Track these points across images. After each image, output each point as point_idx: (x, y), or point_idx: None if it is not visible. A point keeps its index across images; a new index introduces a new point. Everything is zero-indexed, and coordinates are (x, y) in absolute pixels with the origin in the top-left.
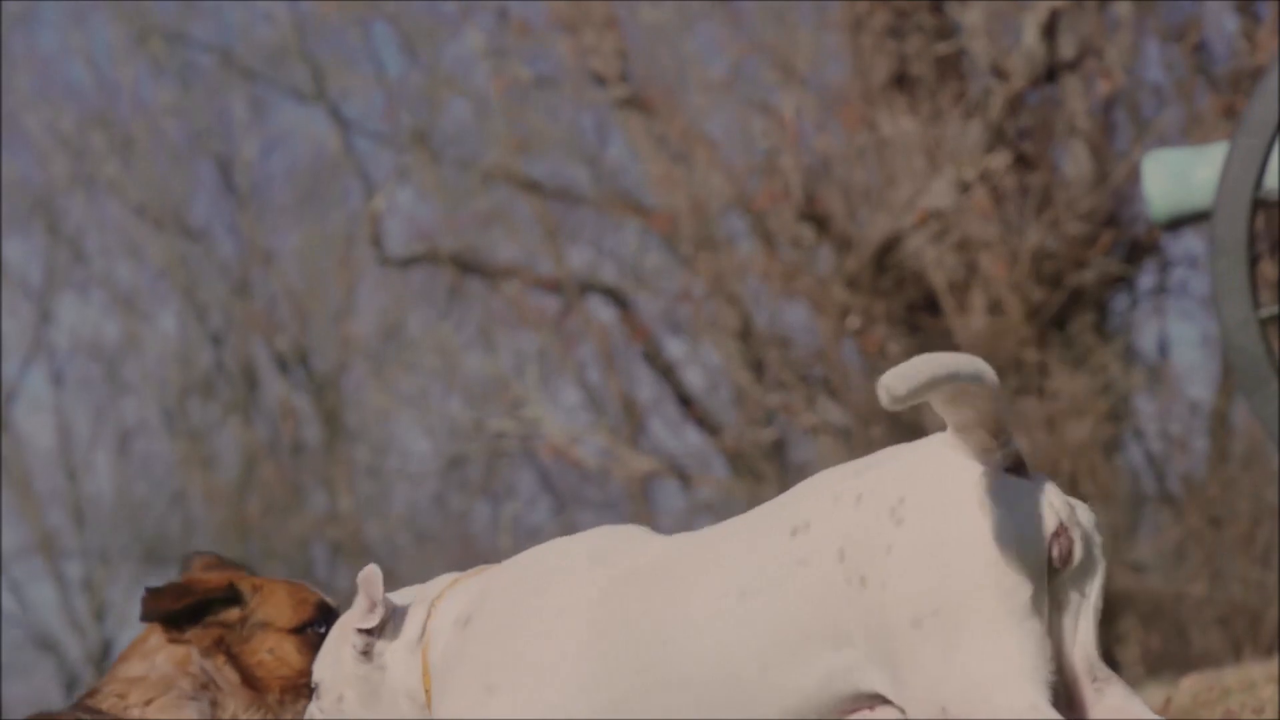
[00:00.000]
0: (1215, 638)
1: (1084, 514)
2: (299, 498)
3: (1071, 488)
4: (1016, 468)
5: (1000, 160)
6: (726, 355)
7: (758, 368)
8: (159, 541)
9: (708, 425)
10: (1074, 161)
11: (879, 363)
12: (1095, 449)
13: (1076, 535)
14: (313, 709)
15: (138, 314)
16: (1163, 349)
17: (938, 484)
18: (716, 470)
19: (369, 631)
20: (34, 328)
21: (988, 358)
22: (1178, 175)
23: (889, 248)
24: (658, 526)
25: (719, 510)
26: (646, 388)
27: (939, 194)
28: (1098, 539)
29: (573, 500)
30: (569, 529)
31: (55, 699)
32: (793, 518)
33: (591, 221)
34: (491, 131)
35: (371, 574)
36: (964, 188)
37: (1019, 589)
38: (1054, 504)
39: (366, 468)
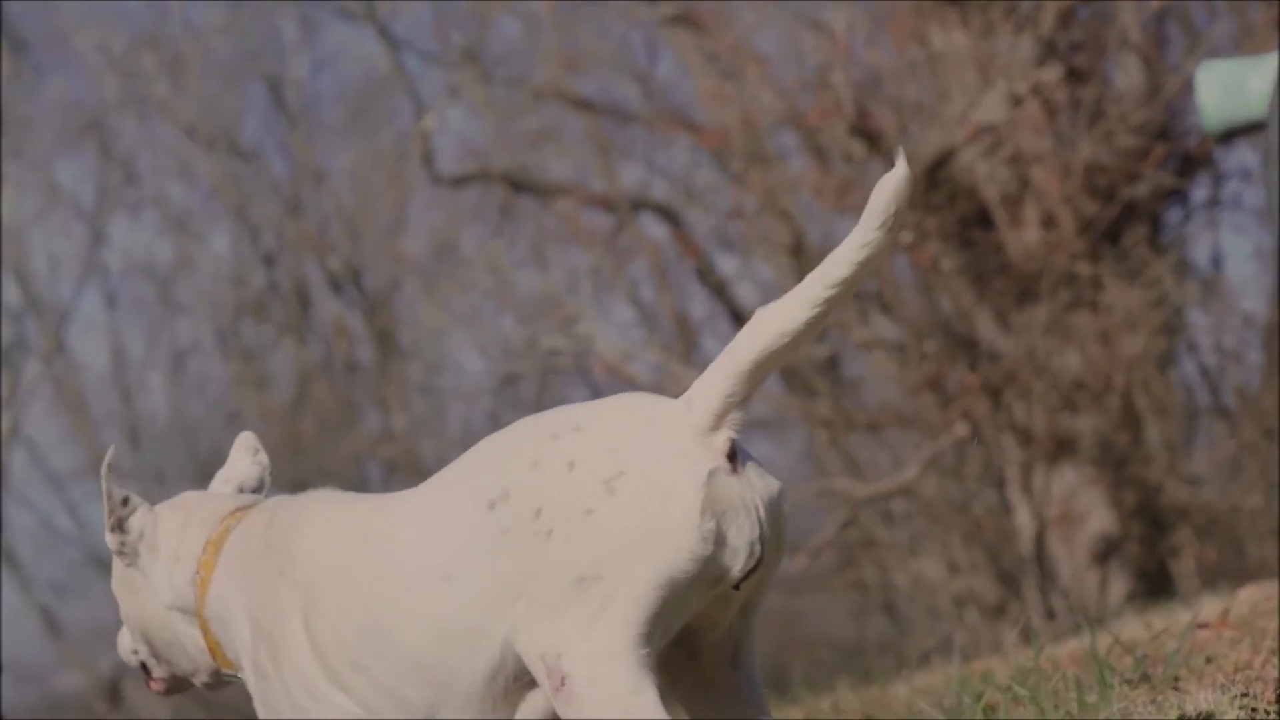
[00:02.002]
0: (1271, 549)
1: (776, 515)
2: (353, 417)
3: (1126, 402)
4: (731, 455)
5: (1052, 74)
6: (779, 271)
7: None
8: (214, 462)
9: None
10: (1126, 74)
11: (932, 277)
12: (1149, 363)
13: (767, 559)
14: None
15: (190, 234)
16: (1216, 262)
17: (663, 467)
18: (770, 386)
19: (121, 534)
20: (87, 249)
21: (1041, 272)
22: (1231, 86)
23: (941, 162)
24: None
25: (773, 426)
26: (699, 304)
27: (991, 108)
28: (781, 544)
29: None
30: None
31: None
32: (489, 489)
33: (642, 139)
34: (542, 49)
35: (108, 488)
36: (1016, 102)
37: (679, 600)
38: (759, 532)
39: (420, 386)
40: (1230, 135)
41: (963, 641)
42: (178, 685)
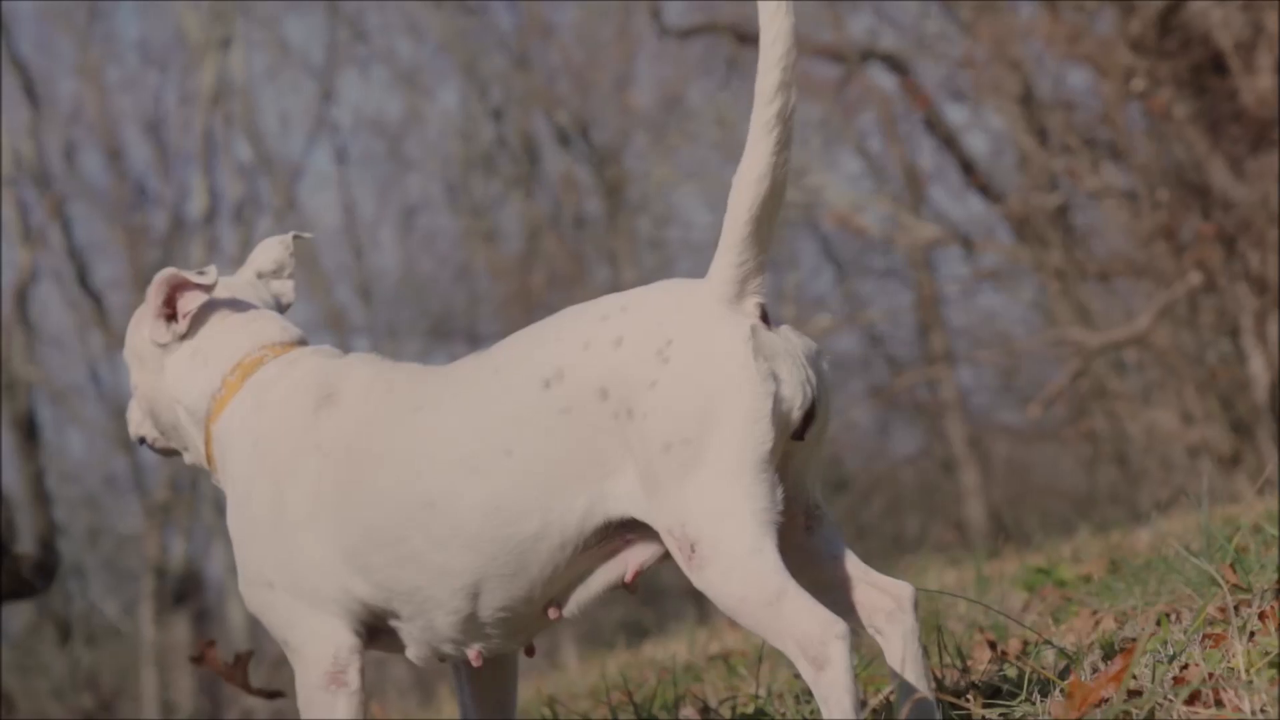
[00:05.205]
0: None
1: (819, 369)
2: (582, 270)
3: None
4: (764, 318)
5: None
6: (1009, 120)
7: (1041, 133)
8: (445, 315)
9: (991, 192)
10: None
11: (1164, 124)
12: None
13: (820, 408)
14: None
15: (419, 90)
16: None
17: (706, 329)
18: (1000, 237)
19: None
20: (317, 106)
21: (1276, 118)
22: None
23: (1174, 8)
24: (940, 294)
25: (1004, 276)
26: (928, 155)
27: None
28: (828, 397)
29: (855, 269)
30: (851, 299)
31: None
32: (541, 369)
33: None
34: None
35: (178, 279)
36: None
37: (765, 440)
38: (807, 375)
39: (649, 239)
40: None
41: (1198, 491)
42: (173, 452)
